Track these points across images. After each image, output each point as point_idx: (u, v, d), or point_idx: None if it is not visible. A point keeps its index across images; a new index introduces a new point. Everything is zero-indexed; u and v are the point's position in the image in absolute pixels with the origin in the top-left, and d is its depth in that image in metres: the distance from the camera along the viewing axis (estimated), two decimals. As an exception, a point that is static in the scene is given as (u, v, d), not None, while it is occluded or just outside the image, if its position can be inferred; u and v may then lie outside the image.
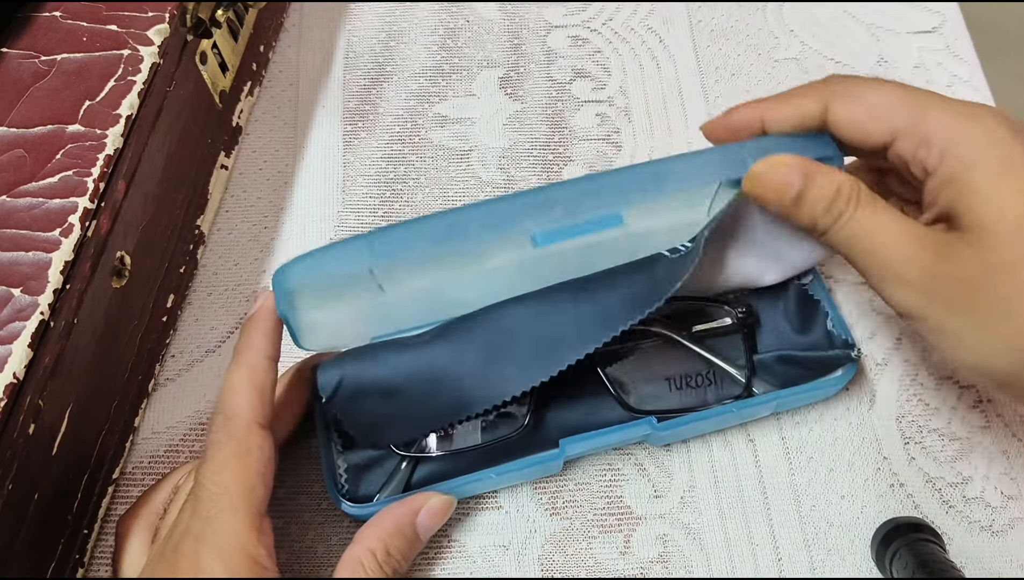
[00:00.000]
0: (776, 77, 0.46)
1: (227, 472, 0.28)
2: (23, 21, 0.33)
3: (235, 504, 0.27)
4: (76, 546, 0.33)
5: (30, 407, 0.28)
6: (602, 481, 0.36)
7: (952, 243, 0.26)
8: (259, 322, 0.30)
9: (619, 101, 0.46)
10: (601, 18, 0.49)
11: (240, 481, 0.28)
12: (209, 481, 0.28)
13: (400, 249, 0.29)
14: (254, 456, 0.28)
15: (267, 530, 0.28)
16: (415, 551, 0.32)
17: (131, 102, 0.32)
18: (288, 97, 0.45)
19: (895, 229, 0.27)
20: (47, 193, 0.30)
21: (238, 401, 0.29)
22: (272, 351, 0.30)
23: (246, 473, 0.28)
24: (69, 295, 0.29)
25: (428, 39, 0.48)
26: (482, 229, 0.29)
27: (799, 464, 0.37)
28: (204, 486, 0.28)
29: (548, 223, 0.30)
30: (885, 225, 0.27)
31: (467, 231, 0.29)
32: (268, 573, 0.28)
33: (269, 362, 0.30)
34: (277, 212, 0.42)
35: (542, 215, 0.30)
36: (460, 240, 0.29)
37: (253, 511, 0.28)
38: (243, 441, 0.28)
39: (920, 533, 0.33)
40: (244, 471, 0.28)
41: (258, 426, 0.29)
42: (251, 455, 0.28)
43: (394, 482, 0.34)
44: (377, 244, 0.29)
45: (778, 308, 0.38)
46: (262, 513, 0.28)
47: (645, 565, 0.35)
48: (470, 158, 0.44)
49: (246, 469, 0.28)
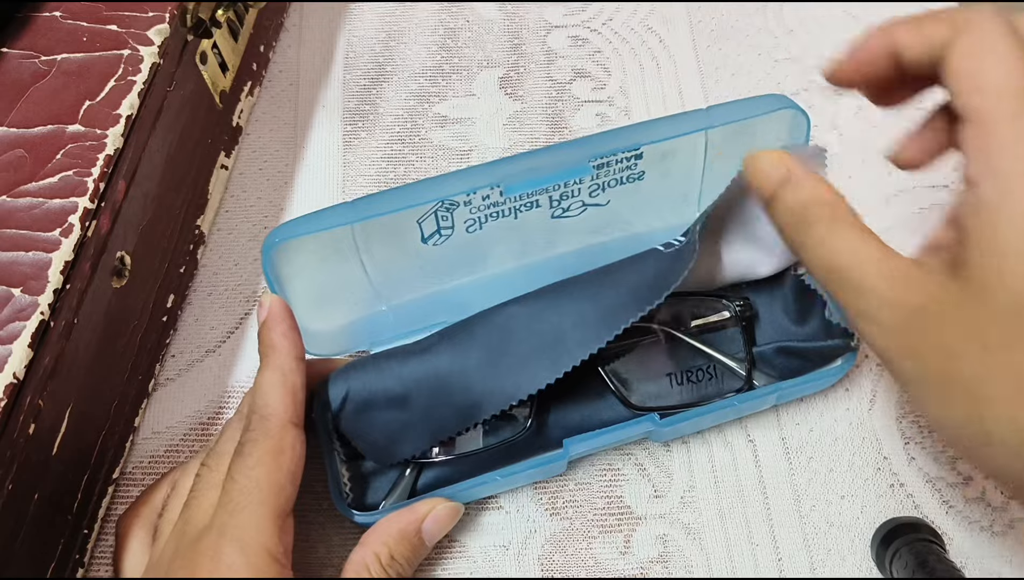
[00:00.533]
0: (776, 77, 0.46)
1: (261, 468, 0.28)
2: (23, 21, 0.33)
3: (264, 499, 0.28)
4: (76, 546, 0.33)
5: (30, 407, 0.28)
6: (602, 481, 0.36)
7: (942, 299, 0.23)
8: (275, 324, 0.31)
9: (619, 101, 0.46)
10: (601, 18, 0.49)
11: (272, 478, 0.28)
12: (243, 475, 0.28)
13: (378, 204, 0.31)
14: (287, 455, 0.29)
15: (289, 529, 0.29)
16: (420, 557, 0.32)
17: (131, 102, 0.32)
18: (288, 97, 0.45)
19: (874, 266, 0.24)
20: (47, 193, 0.30)
21: (272, 401, 0.30)
22: (296, 350, 0.31)
23: (279, 471, 0.28)
24: (69, 295, 0.29)
25: (428, 39, 0.48)
26: (457, 182, 0.32)
27: (799, 464, 0.37)
28: (236, 480, 0.28)
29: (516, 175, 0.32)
30: (862, 256, 0.24)
31: (442, 187, 0.32)
32: (285, 572, 0.28)
33: (296, 362, 0.31)
34: (277, 212, 0.42)
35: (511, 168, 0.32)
36: (434, 192, 0.32)
37: (280, 508, 0.28)
38: (278, 440, 0.29)
39: (920, 533, 0.33)
40: (277, 469, 0.28)
41: (292, 425, 0.30)
42: (284, 454, 0.29)
43: (399, 489, 0.34)
44: (360, 204, 0.31)
45: (776, 300, 0.38)
46: (287, 512, 0.29)
47: (645, 565, 0.35)
48: (470, 158, 0.44)
49: (279, 467, 0.28)
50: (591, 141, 0.33)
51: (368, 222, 0.32)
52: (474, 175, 0.32)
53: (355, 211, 0.31)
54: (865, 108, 0.45)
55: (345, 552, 0.34)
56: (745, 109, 0.33)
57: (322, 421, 0.33)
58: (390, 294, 0.36)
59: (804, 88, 0.46)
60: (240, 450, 0.29)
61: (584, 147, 0.33)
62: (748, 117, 0.33)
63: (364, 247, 0.33)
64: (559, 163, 0.32)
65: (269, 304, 0.31)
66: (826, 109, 0.45)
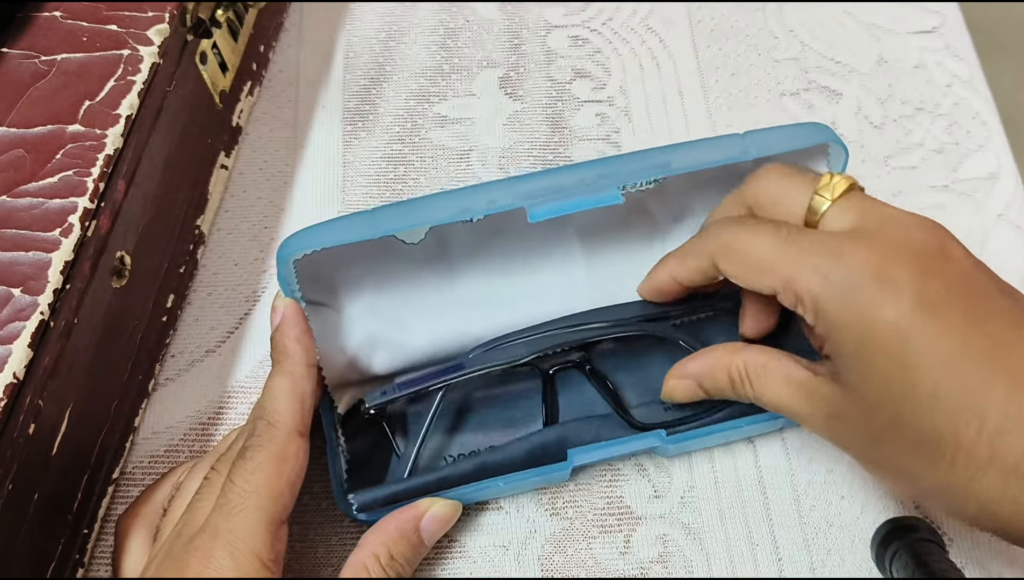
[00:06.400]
0: (776, 77, 0.46)
1: (261, 474, 0.28)
2: (23, 21, 0.33)
3: (261, 504, 0.28)
4: (76, 546, 0.33)
5: (30, 407, 0.28)
6: (602, 481, 0.36)
7: (841, 405, 0.28)
8: (289, 329, 0.31)
9: (619, 101, 0.46)
10: (601, 18, 0.49)
11: (271, 484, 0.28)
12: (242, 479, 0.28)
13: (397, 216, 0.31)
14: (289, 464, 0.29)
15: (283, 538, 0.29)
16: (419, 556, 0.32)
17: (131, 102, 0.32)
18: (288, 97, 0.45)
19: (788, 394, 0.30)
20: (47, 193, 0.30)
21: (279, 408, 0.30)
22: (308, 357, 0.31)
23: (279, 479, 0.28)
24: (69, 295, 0.29)
25: (428, 39, 0.48)
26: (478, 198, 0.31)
27: (799, 464, 0.37)
28: (235, 483, 0.28)
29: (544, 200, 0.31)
30: (779, 393, 0.30)
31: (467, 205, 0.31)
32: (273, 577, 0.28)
33: (308, 369, 0.31)
34: (277, 212, 0.42)
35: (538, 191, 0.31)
36: (455, 207, 0.31)
37: (275, 515, 0.28)
38: (282, 447, 0.29)
39: (920, 533, 0.33)
40: (277, 476, 0.28)
41: (297, 434, 0.30)
42: (287, 462, 0.29)
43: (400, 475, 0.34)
44: (380, 216, 0.31)
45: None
46: (282, 520, 0.29)
47: (645, 565, 0.35)
48: (470, 158, 0.44)
49: (279, 475, 0.29)
50: (621, 165, 0.32)
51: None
52: (497, 191, 0.31)
53: (374, 223, 0.31)
54: (865, 108, 0.45)
55: (343, 552, 0.34)
56: (784, 140, 0.33)
57: (326, 418, 0.33)
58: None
59: (804, 88, 0.46)
60: (243, 454, 0.29)
61: (613, 172, 0.32)
62: (787, 149, 0.32)
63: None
64: (587, 187, 0.31)
65: (283, 307, 0.31)
66: (826, 109, 0.45)
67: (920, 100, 0.46)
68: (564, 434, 0.34)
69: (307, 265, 0.31)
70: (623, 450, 0.34)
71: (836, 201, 0.29)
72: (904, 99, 0.46)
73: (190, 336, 0.39)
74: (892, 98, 0.46)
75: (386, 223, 0.31)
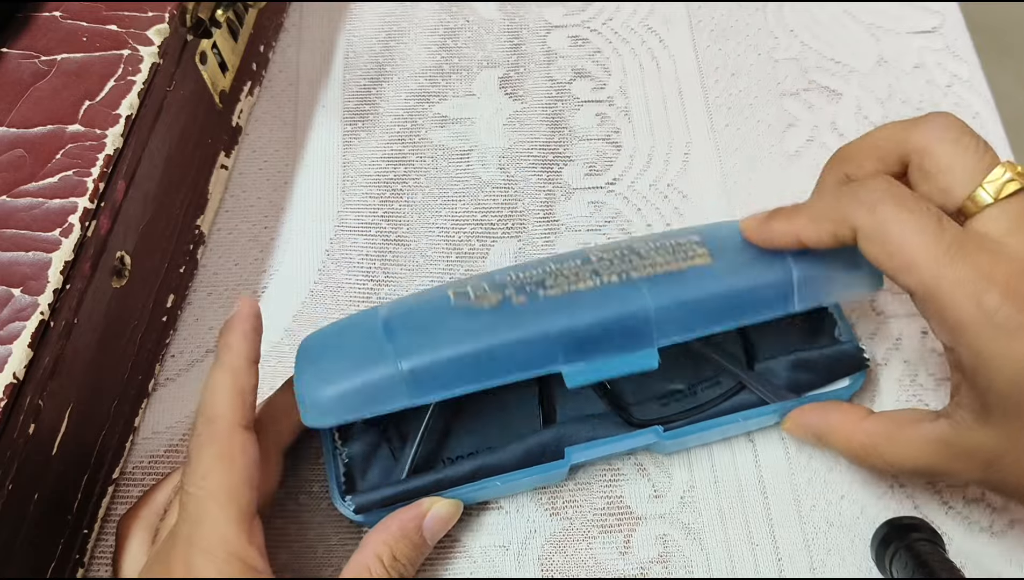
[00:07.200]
0: (776, 77, 0.46)
1: (212, 476, 0.28)
2: (23, 21, 0.33)
3: (221, 507, 0.27)
4: (76, 546, 0.33)
5: (30, 407, 0.28)
6: (602, 481, 0.36)
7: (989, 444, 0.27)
8: (237, 324, 0.30)
9: (619, 101, 0.46)
10: (601, 18, 0.49)
11: (225, 484, 0.28)
12: (194, 486, 0.28)
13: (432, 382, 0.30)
14: (238, 459, 0.28)
15: (257, 531, 0.29)
16: (422, 556, 0.32)
17: (131, 102, 0.32)
18: (288, 97, 0.45)
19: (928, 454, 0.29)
20: (47, 193, 0.30)
21: (219, 403, 0.29)
22: (252, 353, 0.30)
23: (231, 476, 0.28)
24: (69, 295, 0.29)
25: (428, 39, 0.48)
26: (513, 368, 0.30)
27: (799, 464, 0.37)
28: (189, 491, 0.28)
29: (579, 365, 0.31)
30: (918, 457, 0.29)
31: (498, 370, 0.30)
32: (260, 574, 0.28)
33: (249, 364, 0.30)
34: (277, 212, 0.42)
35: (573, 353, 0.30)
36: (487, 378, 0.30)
37: (241, 513, 0.28)
38: (226, 444, 0.28)
39: (920, 533, 0.33)
40: (229, 474, 0.28)
41: (241, 428, 0.29)
42: (235, 458, 0.28)
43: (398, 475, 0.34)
44: (409, 377, 0.29)
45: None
46: (251, 514, 0.28)
47: (645, 565, 0.35)
48: (470, 158, 0.44)
49: (231, 472, 0.28)
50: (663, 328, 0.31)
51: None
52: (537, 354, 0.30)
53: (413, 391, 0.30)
54: (865, 108, 0.45)
55: (343, 552, 0.34)
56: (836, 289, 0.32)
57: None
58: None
59: (804, 88, 0.46)
60: (188, 457, 0.29)
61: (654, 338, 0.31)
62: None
63: None
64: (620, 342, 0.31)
65: (240, 305, 0.31)
66: (826, 109, 0.45)
67: (920, 100, 0.46)
68: (562, 434, 0.34)
69: None
70: (620, 447, 0.34)
71: (999, 201, 0.27)
72: (904, 99, 0.46)
73: (190, 336, 0.39)
74: (892, 98, 0.46)
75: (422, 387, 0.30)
